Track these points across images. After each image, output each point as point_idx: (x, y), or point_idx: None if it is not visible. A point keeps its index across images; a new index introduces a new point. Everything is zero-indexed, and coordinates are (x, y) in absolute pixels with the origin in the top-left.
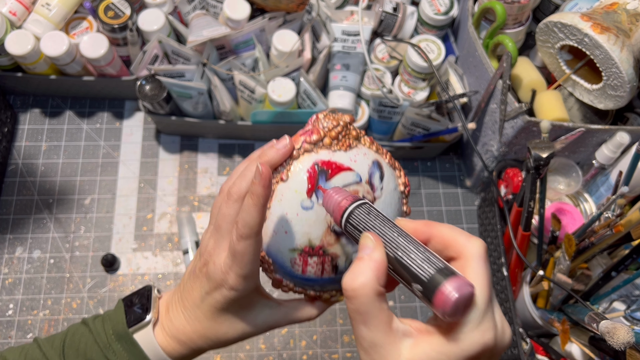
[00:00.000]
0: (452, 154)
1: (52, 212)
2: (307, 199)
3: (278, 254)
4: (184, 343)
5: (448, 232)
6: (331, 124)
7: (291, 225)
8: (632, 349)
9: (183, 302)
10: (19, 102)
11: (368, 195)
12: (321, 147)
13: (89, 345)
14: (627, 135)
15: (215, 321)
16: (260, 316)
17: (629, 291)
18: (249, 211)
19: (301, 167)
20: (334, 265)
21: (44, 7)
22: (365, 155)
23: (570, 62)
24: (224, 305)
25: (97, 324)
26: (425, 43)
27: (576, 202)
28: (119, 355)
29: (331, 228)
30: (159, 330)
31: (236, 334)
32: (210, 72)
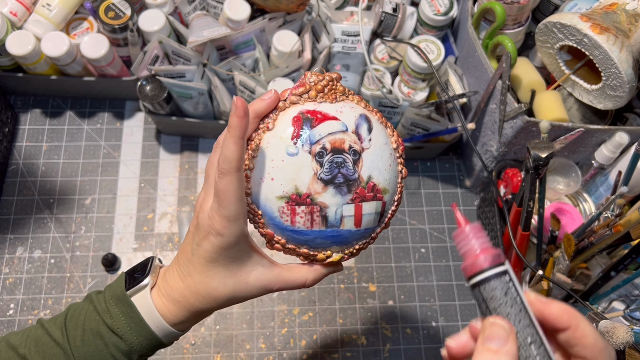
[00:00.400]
0: (452, 154)
1: (53, 212)
2: (292, 145)
3: (266, 202)
4: (178, 302)
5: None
6: (317, 78)
7: (277, 171)
8: (632, 349)
9: (178, 260)
10: (19, 103)
11: (356, 145)
12: (307, 99)
13: (88, 314)
14: (626, 135)
15: (206, 274)
16: (253, 274)
17: (628, 291)
18: (226, 144)
19: (287, 117)
20: (323, 216)
21: (44, 7)
22: (353, 108)
23: (570, 63)
24: (213, 255)
25: (99, 295)
26: (424, 43)
27: (575, 202)
28: (115, 318)
29: (318, 176)
30: (155, 292)
31: (227, 290)
32: (210, 72)
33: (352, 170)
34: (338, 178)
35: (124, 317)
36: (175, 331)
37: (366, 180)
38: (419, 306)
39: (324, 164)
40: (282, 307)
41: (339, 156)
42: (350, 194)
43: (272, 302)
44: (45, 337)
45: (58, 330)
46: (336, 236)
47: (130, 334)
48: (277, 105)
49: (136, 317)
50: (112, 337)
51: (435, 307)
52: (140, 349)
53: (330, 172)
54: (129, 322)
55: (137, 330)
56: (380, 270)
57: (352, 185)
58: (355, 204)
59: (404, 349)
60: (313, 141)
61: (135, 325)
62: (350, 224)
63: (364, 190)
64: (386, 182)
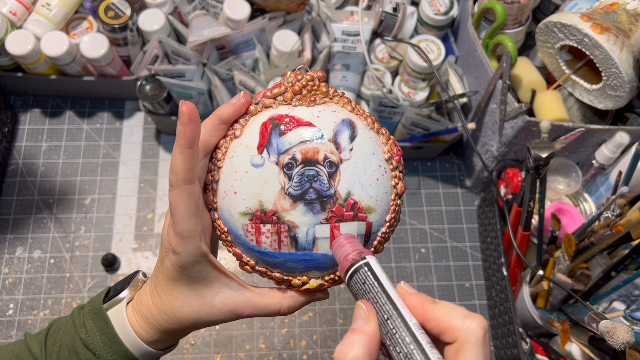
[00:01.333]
0: (452, 154)
1: (53, 212)
2: (257, 155)
3: (230, 219)
4: (146, 318)
5: (443, 315)
6: (295, 78)
7: (240, 184)
8: (632, 349)
9: (152, 275)
10: (19, 102)
11: (332, 155)
12: (282, 102)
13: (66, 330)
14: (626, 135)
15: (170, 293)
16: (219, 297)
17: (629, 291)
18: (173, 155)
19: (257, 122)
20: (292, 236)
21: (44, 7)
22: (335, 112)
23: (570, 62)
24: (174, 273)
25: (82, 309)
26: (425, 43)
27: (576, 202)
28: (90, 333)
29: (285, 190)
30: (130, 307)
31: (192, 312)
32: (210, 72)
33: (327, 185)
34: (309, 194)
35: (99, 332)
36: (151, 350)
37: (344, 196)
38: None
39: (293, 177)
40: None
41: (311, 168)
42: (324, 213)
43: None
44: (26, 352)
45: (38, 345)
46: (309, 260)
47: (104, 351)
48: (248, 109)
49: (110, 332)
50: (87, 353)
51: None
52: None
53: (300, 187)
54: (103, 337)
55: (111, 347)
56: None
57: (327, 202)
58: (330, 225)
59: None
60: (281, 151)
61: (110, 341)
62: (325, 246)
63: (342, 209)
64: (371, 199)
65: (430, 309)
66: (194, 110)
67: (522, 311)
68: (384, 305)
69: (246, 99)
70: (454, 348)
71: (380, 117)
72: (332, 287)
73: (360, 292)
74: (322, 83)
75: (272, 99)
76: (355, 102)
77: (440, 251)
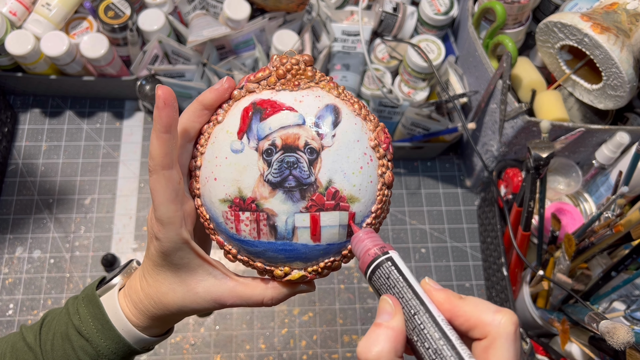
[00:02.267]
0: (452, 154)
1: (52, 212)
2: (237, 141)
3: (211, 206)
4: (136, 304)
5: (472, 311)
6: (279, 62)
7: (220, 170)
8: (632, 349)
9: (143, 261)
10: (19, 102)
11: (313, 141)
12: (265, 86)
13: (60, 317)
14: (627, 135)
15: (156, 279)
16: (202, 284)
17: (629, 291)
18: (151, 141)
19: (239, 108)
20: (271, 225)
21: (44, 7)
22: (319, 97)
23: (570, 62)
24: (157, 259)
25: (74, 298)
26: (425, 43)
27: (576, 202)
28: (83, 320)
29: (264, 177)
30: (121, 293)
31: (176, 298)
32: (210, 72)
33: (307, 173)
34: (288, 181)
35: (91, 318)
36: (144, 336)
37: (325, 185)
38: None
39: (273, 164)
40: (282, 307)
41: (291, 155)
42: (304, 201)
43: None
44: (21, 342)
45: (32, 335)
46: (289, 250)
47: (97, 337)
48: (232, 94)
49: (102, 318)
50: (80, 340)
51: None
52: (108, 353)
53: (279, 174)
54: (96, 323)
55: (104, 333)
56: None
57: (307, 190)
58: (310, 213)
59: None
60: (261, 136)
61: (102, 327)
62: (305, 236)
63: (322, 198)
64: (354, 188)
65: (458, 304)
66: (170, 94)
67: (522, 311)
68: (410, 300)
69: (229, 84)
70: (484, 344)
71: (381, 117)
72: (315, 279)
73: (383, 287)
74: (308, 67)
75: (256, 83)
76: (343, 87)
77: (441, 251)
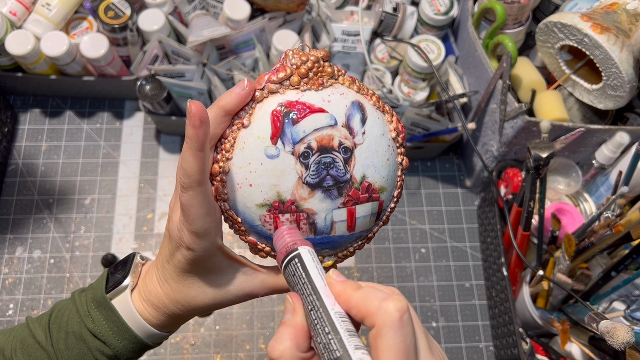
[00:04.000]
0: (452, 154)
1: (52, 212)
2: (272, 146)
3: (245, 210)
4: (158, 308)
5: (363, 301)
6: (299, 60)
7: (256, 176)
8: (632, 349)
9: (156, 263)
10: (19, 102)
11: (347, 140)
12: (288, 87)
13: (71, 317)
14: (626, 135)
15: (183, 284)
16: (234, 282)
17: (629, 291)
18: (185, 157)
19: (265, 110)
20: (311, 223)
21: (44, 7)
22: (343, 95)
23: (570, 62)
24: (186, 266)
25: (81, 295)
26: (425, 43)
27: (576, 202)
28: (97, 323)
29: (303, 180)
30: (136, 295)
31: (207, 300)
32: (210, 72)
33: (343, 171)
34: (327, 181)
35: (106, 321)
36: (160, 333)
37: (359, 180)
38: (419, 306)
39: (310, 166)
40: (282, 307)
41: (327, 156)
42: (341, 197)
43: (272, 303)
44: (30, 338)
45: (42, 332)
46: (326, 242)
47: (114, 338)
48: (253, 95)
49: (117, 320)
50: (95, 341)
51: (435, 308)
52: (125, 352)
53: (317, 175)
54: (111, 326)
55: (120, 335)
56: (380, 270)
57: (344, 187)
58: (347, 208)
59: None
60: (296, 140)
61: (118, 329)
62: (342, 229)
63: (358, 192)
64: (383, 179)
65: (352, 295)
66: (204, 110)
67: (522, 311)
68: (308, 296)
69: (250, 87)
70: (373, 333)
71: None
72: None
73: (291, 284)
74: (326, 63)
75: (278, 83)
76: (358, 80)
77: (440, 251)
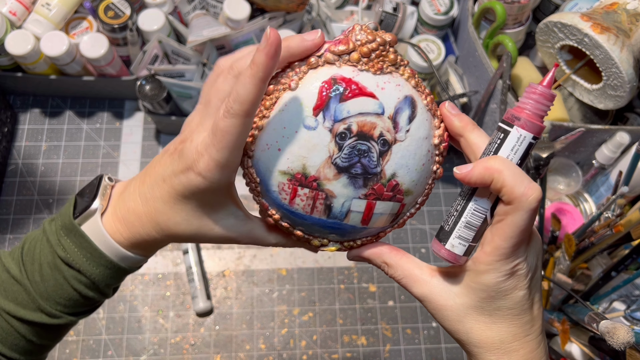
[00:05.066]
0: (452, 154)
1: (53, 212)
2: (312, 117)
3: (267, 172)
4: (132, 225)
5: (511, 177)
6: (366, 37)
7: (287, 142)
8: (632, 349)
9: (143, 179)
10: (19, 102)
11: (388, 133)
12: (347, 61)
13: (42, 247)
14: (627, 135)
15: (171, 207)
16: (223, 222)
17: (629, 291)
18: (244, 83)
19: (316, 78)
20: (327, 205)
21: (44, 7)
22: (399, 86)
23: (570, 62)
24: (186, 192)
25: (51, 224)
26: (425, 43)
27: (576, 202)
28: (68, 251)
29: (332, 160)
30: (109, 215)
31: (189, 230)
32: (210, 72)
33: (375, 163)
34: (356, 168)
35: (77, 248)
36: (134, 256)
37: (388, 177)
38: (419, 306)
39: (344, 148)
40: (282, 307)
41: (364, 143)
42: (365, 189)
43: (272, 303)
44: (4, 273)
45: (15, 265)
46: (337, 228)
47: (88, 265)
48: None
49: (89, 246)
50: (70, 270)
51: None
52: (102, 278)
53: (348, 159)
54: (84, 252)
55: (94, 261)
56: (380, 270)
57: (371, 179)
58: (368, 201)
59: (404, 349)
60: (338, 118)
61: (91, 255)
62: (356, 219)
63: (383, 188)
64: (412, 183)
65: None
66: (280, 42)
67: None
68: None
69: (321, 39)
70: (506, 209)
71: None
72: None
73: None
74: (391, 49)
75: (337, 55)
76: (418, 76)
77: None
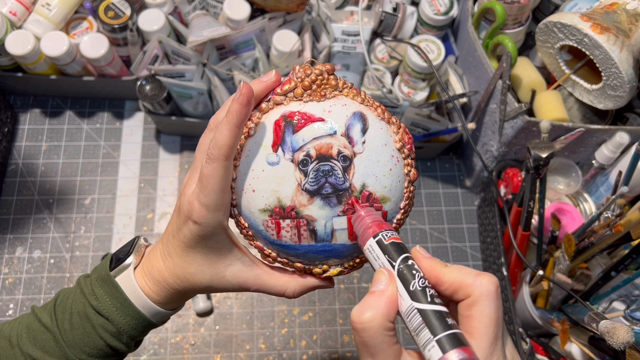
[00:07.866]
0: (452, 154)
1: (52, 212)
2: (273, 154)
3: (250, 215)
4: (157, 281)
5: (456, 276)
6: (304, 73)
7: (258, 182)
8: (632, 349)
9: (162, 239)
10: (19, 102)
11: (346, 149)
12: (292, 98)
13: (75, 298)
14: (626, 135)
15: (185, 259)
16: (231, 269)
17: (629, 291)
18: (220, 130)
19: (269, 120)
20: (311, 230)
21: (44, 7)
22: (345, 106)
23: (570, 62)
24: (191, 242)
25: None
26: (425, 43)
27: (576, 202)
28: (100, 300)
29: (302, 187)
30: (139, 271)
31: (204, 279)
32: (210, 72)
33: (342, 179)
34: (325, 188)
35: (109, 297)
36: (162, 310)
37: (359, 189)
38: None
39: (309, 173)
40: (282, 307)
41: (326, 164)
42: (340, 205)
43: (272, 303)
44: (36, 323)
45: (47, 315)
46: (329, 251)
47: (117, 315)
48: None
49: (120, 297)
50: (99, 318)
51: None
52: (128, 329)
53: (315, 182)
54: (114, 302)
55: (123, 311)
56: None
57: (343, 195)
58: (347, 216)
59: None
60: (295, 148)
61: (121, 305)
62: (343, 237)
63: (357, 201)
64: (385, 189)
65: (442, 271)
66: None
67: (522, 311)
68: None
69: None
70: (468, 302)
71: None
72: (350, 272)
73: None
74: (330, 76)
75: (283, 95)
76: (364, 93)
77: (440, 251)
